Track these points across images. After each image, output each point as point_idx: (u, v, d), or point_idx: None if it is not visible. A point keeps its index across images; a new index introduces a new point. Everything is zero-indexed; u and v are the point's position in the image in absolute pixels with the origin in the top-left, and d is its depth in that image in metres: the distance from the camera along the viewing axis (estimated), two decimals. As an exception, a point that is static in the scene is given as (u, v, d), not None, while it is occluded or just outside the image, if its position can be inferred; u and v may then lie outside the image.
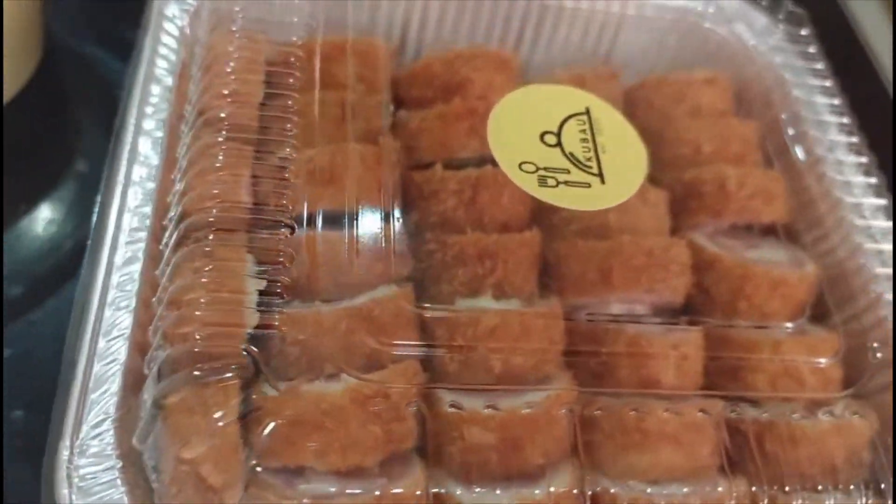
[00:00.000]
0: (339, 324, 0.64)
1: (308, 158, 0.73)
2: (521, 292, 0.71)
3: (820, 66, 0.89)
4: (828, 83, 0.87)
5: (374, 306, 0.67)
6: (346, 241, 0.69)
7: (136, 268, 0.65)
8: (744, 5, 0.97)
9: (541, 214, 0.76)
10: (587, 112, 0.75)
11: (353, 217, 0.70)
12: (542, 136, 0.72)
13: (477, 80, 0.81)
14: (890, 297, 0.78)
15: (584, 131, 0.74)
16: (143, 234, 0.66)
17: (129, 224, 0.67)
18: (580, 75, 0.86)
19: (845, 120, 0.86)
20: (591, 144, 0.73)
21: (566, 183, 0.70)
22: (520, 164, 0.70)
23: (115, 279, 0.64)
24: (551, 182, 0.70)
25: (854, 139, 0.85)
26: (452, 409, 0.63)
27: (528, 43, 0.97)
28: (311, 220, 0.69)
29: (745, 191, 0.81)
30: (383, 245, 0.71)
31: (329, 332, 0.64)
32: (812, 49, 0.90)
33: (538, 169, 0.70)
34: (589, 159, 0.72)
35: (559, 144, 0.72)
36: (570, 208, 0.69)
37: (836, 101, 0.86)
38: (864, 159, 0.84)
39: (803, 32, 0.91)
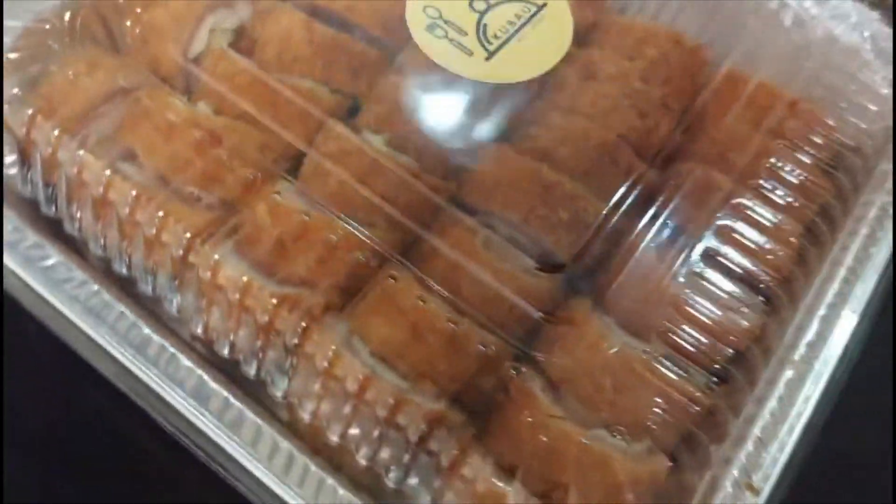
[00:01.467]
0: (250, 74, 0.70)
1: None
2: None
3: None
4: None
5: (291, 92, 0.72)
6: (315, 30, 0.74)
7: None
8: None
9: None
10: (540, 7, 0.70)
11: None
12: (474, -1, 0.69)
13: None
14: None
15: (518, 17, 0.70)
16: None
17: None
18: (654, 31, 0.79)
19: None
20: (512, 28, 0.69)
21: (451, 40, 0.68)
22: (426, 7, 0.68)
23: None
24: (439, 32, 0.68)
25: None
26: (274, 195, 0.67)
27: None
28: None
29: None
30: (342, 54, 0.75)
31: (239, 74, 0.71)
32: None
33: (439, 17, 0.68)
34: (495, 36, 0.68)
35: (483, 13, 0.68)
36: (432, 60, 0.67)
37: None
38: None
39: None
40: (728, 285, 0.70)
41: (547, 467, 0.59)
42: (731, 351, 0.67)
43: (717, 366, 0.68)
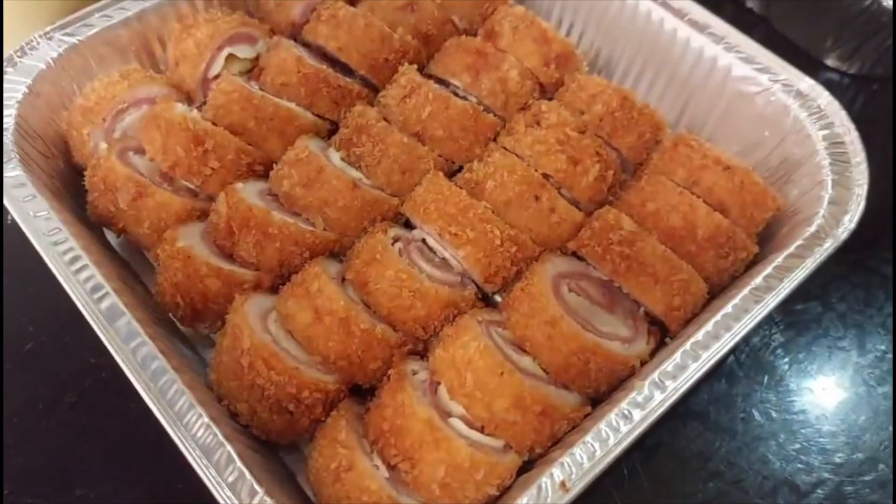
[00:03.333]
0: (242, 93, 0.86)
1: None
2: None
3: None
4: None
5: (273, 111, 0.86)
6: None
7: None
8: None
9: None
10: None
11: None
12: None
13: (504, 35, 0.92)
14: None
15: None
16: None
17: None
18: (605, 89, 0.88)
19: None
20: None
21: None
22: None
23: None
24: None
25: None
26: (237, 187, 0.81)
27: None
28: None
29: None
30: (325, 85, 0.89)
31: (235, 91, 0.86)
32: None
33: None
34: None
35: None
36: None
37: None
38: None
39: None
40: (623, 323, 0.77)
41: (400, 442, 0.67)
42: (611, 380, 0.74)
43: (591, 391, 0.74)
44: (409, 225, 0.84)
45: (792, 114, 0.87)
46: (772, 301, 0.72)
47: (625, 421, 0.65)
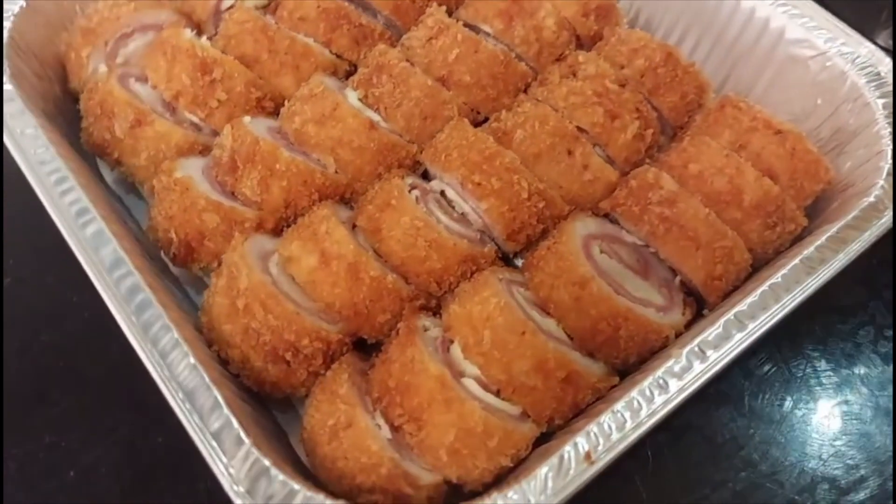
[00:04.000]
0: (256, 24, 0.80)
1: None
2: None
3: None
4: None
5: (288, 44, 0.80)
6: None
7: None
8: None
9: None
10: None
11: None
12: None
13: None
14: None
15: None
16: None
17: None
18: (648, 43, 0.81)
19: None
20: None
21: None
22: None
23: None
24: None
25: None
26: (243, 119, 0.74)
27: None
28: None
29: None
30: (346, 22, 0.82)
31: (249, 22, 0.80)
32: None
33: None
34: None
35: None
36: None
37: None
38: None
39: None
40: (658, 291, 0.70)
41: (407, 401, 0.60)
42: (641, 350, 0.67)
43: (619, 361, 0.67)
44: (426, 177, 0.78)
45: (849, 80, 0.80)
46: (825, 273, 0.65)
47: (660, 391, 0.58)
